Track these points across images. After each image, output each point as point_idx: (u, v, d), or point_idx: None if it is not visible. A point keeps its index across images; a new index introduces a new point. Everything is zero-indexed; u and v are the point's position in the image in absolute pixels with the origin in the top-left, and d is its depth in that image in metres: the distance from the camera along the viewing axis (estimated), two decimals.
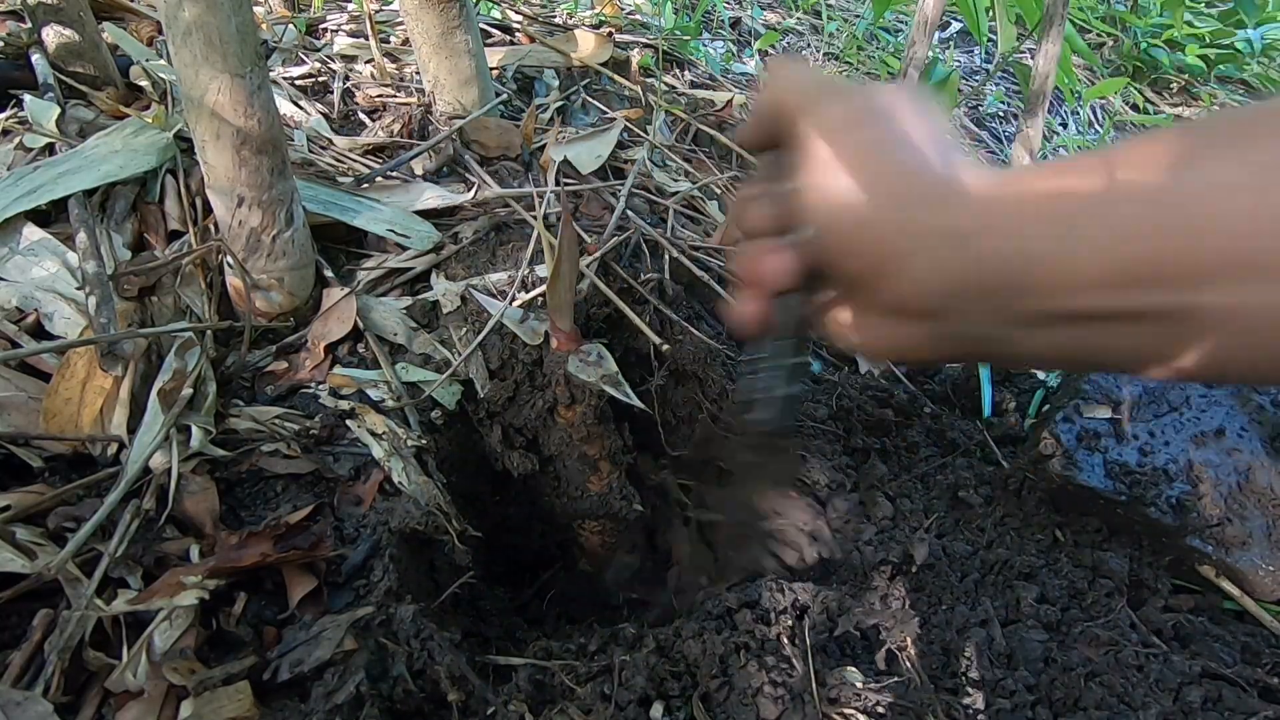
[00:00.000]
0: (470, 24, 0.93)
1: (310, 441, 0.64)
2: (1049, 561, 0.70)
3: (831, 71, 1.74)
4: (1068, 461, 0.72)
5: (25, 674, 0.47)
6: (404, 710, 0.50)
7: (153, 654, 0.48)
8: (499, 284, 0.76)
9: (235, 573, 0.54)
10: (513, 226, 0.84)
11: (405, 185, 0.89)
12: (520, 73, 1.17)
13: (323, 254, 0.78)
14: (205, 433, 0.61)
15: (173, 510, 0.57)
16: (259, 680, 0.49)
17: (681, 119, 1.15)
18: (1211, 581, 0.70)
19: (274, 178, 0.67)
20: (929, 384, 0.96)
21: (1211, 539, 0.69)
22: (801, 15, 2.06)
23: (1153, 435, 0.74)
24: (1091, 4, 2.33)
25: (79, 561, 0.52)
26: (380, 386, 0.69)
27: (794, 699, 0.54)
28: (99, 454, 0.60)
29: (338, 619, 0.52)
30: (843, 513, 0.75)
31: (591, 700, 0.53)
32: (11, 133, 0.82)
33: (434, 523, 0.60)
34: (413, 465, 0.64)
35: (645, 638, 0.58)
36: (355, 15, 1.25)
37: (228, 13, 0.59)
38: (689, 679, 0.56)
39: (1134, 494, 0.70)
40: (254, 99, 0.62)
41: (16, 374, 0.63)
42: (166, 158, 0.80)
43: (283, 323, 0.73)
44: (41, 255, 0.70)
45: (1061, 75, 1.07)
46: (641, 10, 1.58)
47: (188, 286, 0.73)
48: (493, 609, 0.69)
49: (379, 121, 1.01)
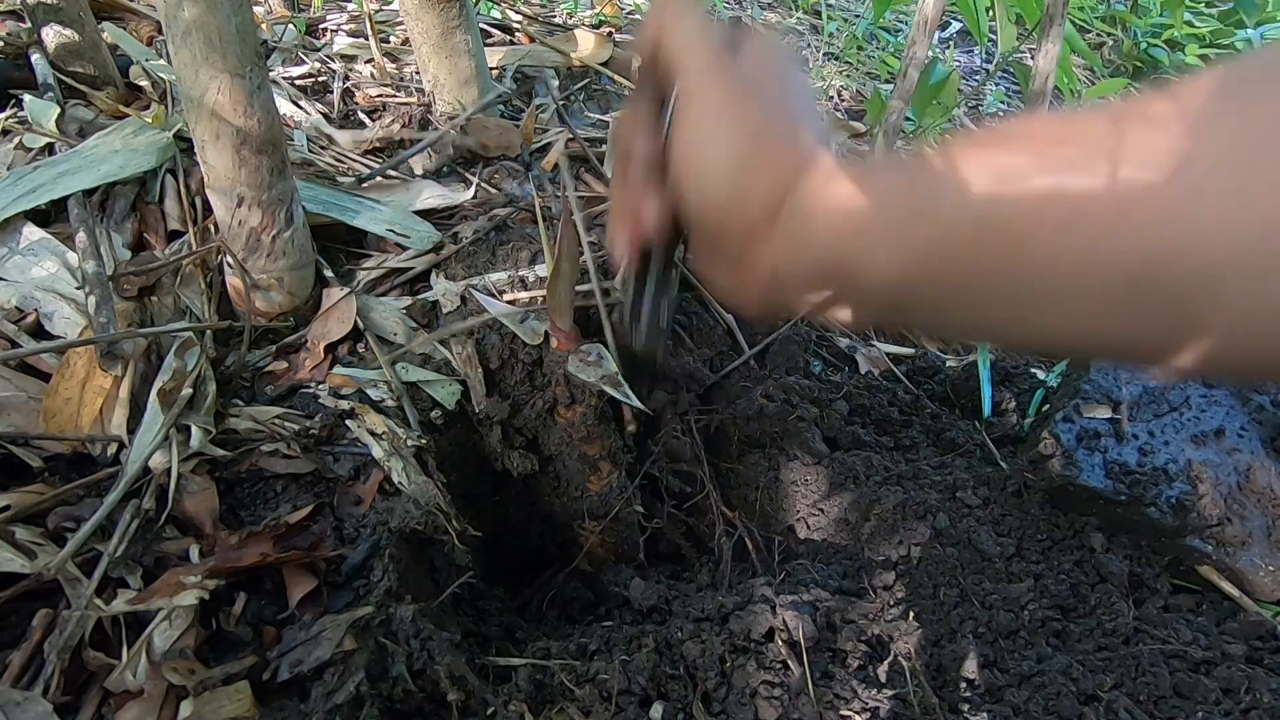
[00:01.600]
0: (470, 24, 0.93)
1: (310, 441, 0.64)
2: (1049, 562, 0.70)
3: (831, 72, 1.74)
4: (1067, 461, 0.72)
5: (25, 674, 0.47)
6: (404, 710, 0.50)
7: (152, 654, 0.48)
8: (499, 284, 0.76)
9: (235, 573, 0.54)
10: (513, 226, 0.84)
11: (405, 185, 0.89)
12: (520, 73, 1.17)
13: (323, 254, 0.78)
14: (205, 433, 0.61)
15: (172, 510, 0.57)
16: (259, 680, 0.49)
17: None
18: (1211, 581, 0.70)
19: (274, 178, 0.67)
20: (929, 384, 0.96)
21: (1211, 539, 0.69)
22: (801, 15, 2.06)
23: (1152, 435, 0.74)
24: (1091, 4, 2.33)
25: (79, 561, 0.52)
26: (380, 386, 0.69)
27: (792, 700, 0.54)
28: (99, 454, 0.60)
29: (338, 619, 0.52)
30: (842, 510, 0.76)
31: (591, 700, 0.53)
32: (11, 132, 0.82)
33: (434, 523, 0.60)
34: (412, 465, 0.64)
35: (645, 638, 0.58)
36: (355, 15, 1.25)
37: (228, 13, 0.59)
38: (688, 679, 0.56)
39: (1134, 494, 0.70)
40: (254, 99, 0.62)
41: (16, 374, 0.63)
42: (166, 158, 0.80)
43: (283, 323, 0.73)
44: (41, 255, 0.70)
45: (1061, 75, 1.07)
46: (641, 10, 1.58)
47: (187, 286, 0.73)
48: (493, 609, 0.69)
49: (379, 121, 1.01)
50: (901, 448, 0.84)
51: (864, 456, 0.79)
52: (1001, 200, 0.29)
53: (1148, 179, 0.25)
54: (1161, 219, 0.25)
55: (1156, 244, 0.25)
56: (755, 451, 0.82)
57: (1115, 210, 0.26)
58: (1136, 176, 0.25)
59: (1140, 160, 0.25)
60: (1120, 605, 0.66)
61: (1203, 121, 0.25)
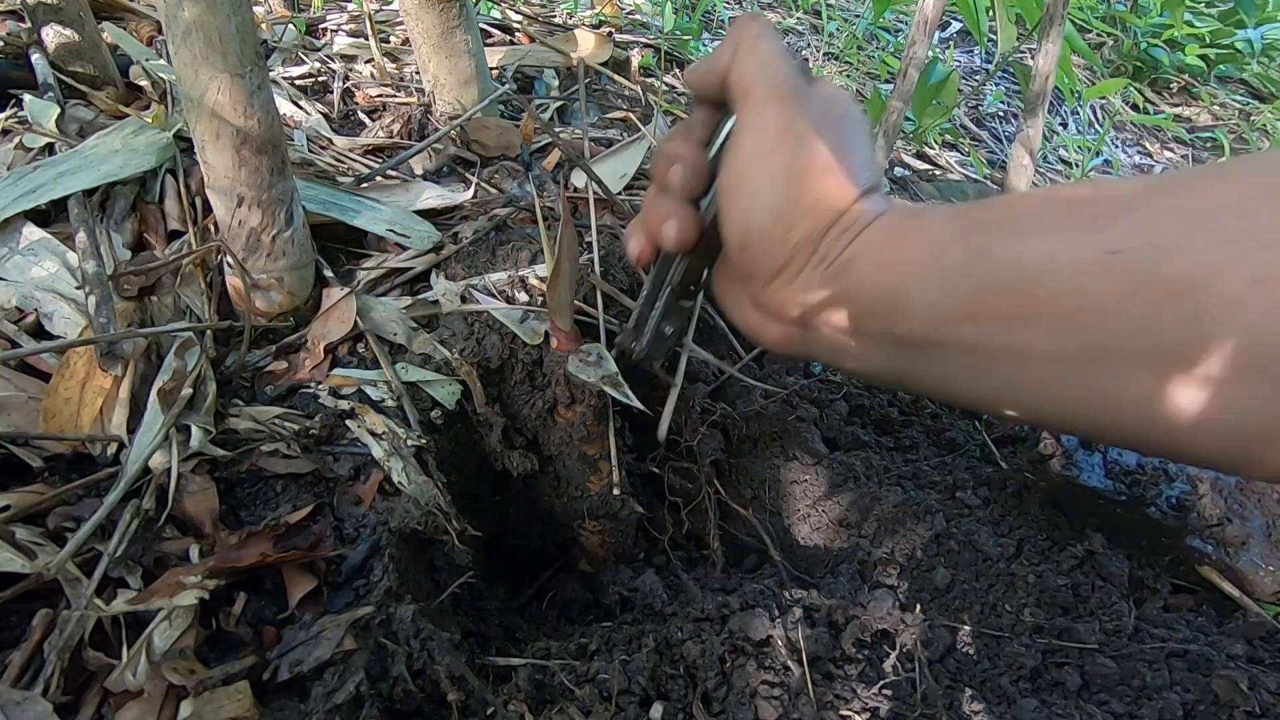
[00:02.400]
0: (470, 24, 0.93)
1: (310, 441, 0.63)
2: (1049, 562, 0.70)
3: (831, 72, 1.74)
4: (1068, 461, 0.72)
5: (25, 674, 0.47)
6: (404, 710, 0.50)
7: (152, 654, 0.48)
8: (499, 284, 0.76)
9: (235, 573, 0.54)
10: (513, 226, 0.84)
11: (405, 185, 0.89)
12: (520, 73, 1.18)
13: (323, 254, 0.78)
14: (205, 433, 0.61)
15: (172, 510, 0.57)
16: (259, 680, 0.49)
17: (682, 119, 1.15)
18: (1212, 581, 0.70)
19: (274, 178, 0.67)
20: None
21: (1211, 539, 0.69)
22: (801, 15, 2.06)
23: None
24: (1091, 4, 2.33)
25: (79, 561, 0.52)
26: (380, 386, 0.69)
27: (792, 700, 0.54)
28: (99, 454, 0.60)
29: (337, 619, 0.52)
30: (842, 511, 0.76)
31: (591, 700, 0.53)
32: (11, 132, 0.82)
33: (434, 523, 0.60)
34: (412, 465, 0.64)
35: (645, 637, 0.58)
36: (355, 15, 1.25)
37: (227, 12, 0.59)
38: (688, 679, 0.56)
39: (1134, 494, 0.70)
40: (254, 99, 0.62)
41: (16, 374, 0.63)
42: (166, 158, 0.80)
43: (282, 323, 0.73)
44: (41, 255, 0.70)
45: (1061, 75, 1.07)
46: (641, 10, 1.58)
47: (187, 286, 0.73)
48: (493, 609, 0.69)
49: (379, 121, 1.01)
50: (901, 448, 0.84)
51: (864, 456, 0.79)
52: (1058, 258, 0.28)
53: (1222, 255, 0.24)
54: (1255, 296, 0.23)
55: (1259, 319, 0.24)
56: (755, 451, 0.82)
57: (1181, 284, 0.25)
58: (1209, 253, 0.24)
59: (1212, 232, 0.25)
60: (1121, 605, 0.66)
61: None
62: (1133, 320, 0.26)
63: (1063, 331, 0.28)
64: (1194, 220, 0.25)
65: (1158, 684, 0.59)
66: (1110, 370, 0.27)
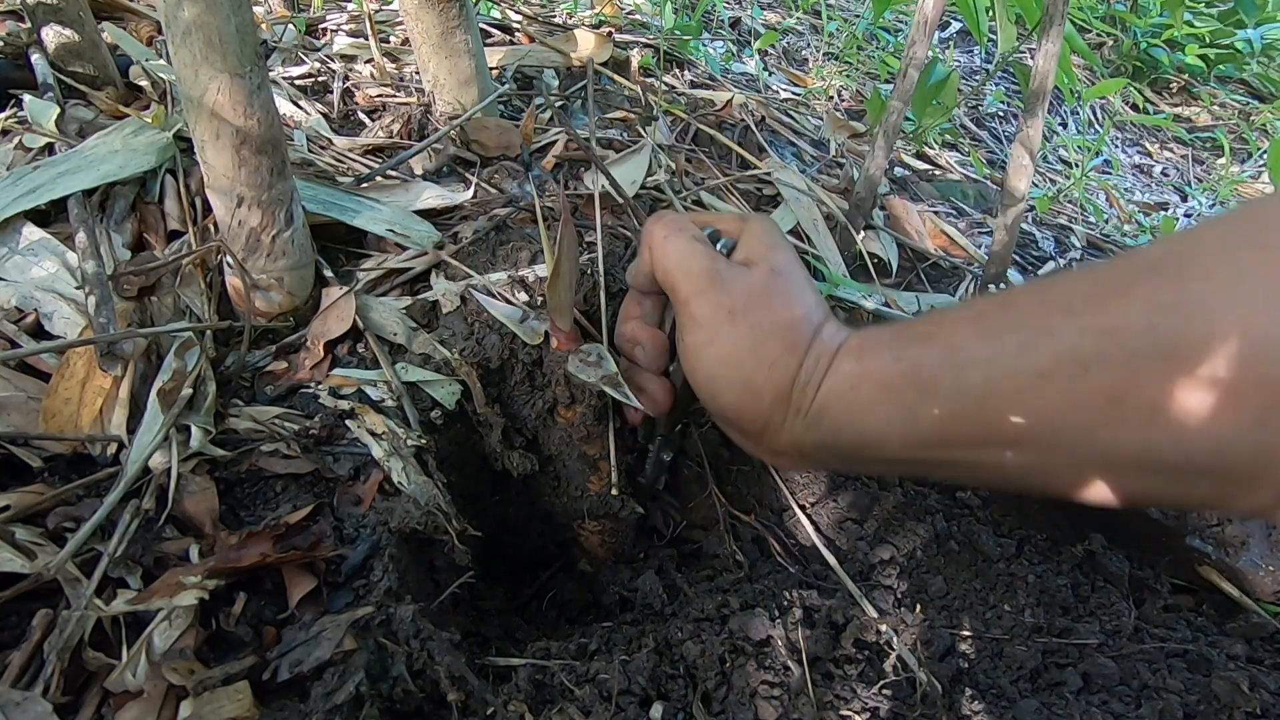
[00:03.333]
0: (470, 24, 0.93)
1: (310, 441, 0.63)
2: (1049, 562, 0.70)
3: (831, 72, 1.74)
4: None
5: (24, 674, 0.47)
6: (404, 710, 0.50)
7: (152, 654, 0.48)
8: (499, 284, 0.76)
9: (235, 573, 0.54)
10: (513, 226, 0.84)
11: (405, 185, 0.89)
12: (520, 73, 1.17)
13: (322, 254, 0.78)
14: (205, 433, 0.61)
15: (172, 510, 0.57)
16: (259, 680, 0.49)
17: (681, 119, 1.15)
18: (1212, 581, 0.70)
19: (274, 178, 0.67)
20: None
21: (1211, 539, 0.69)
22: (801, 15, 2.06)
23: None
24: (1091, 4, 2.33)
25: (78, 561, 0.52)
26: (380, 386, 0.69)
27: (792, 700, 0.54)
28: (98, 454, 0.60)
29: (337, 619, 0.52)
30: (842, 511, 0.76)
31: (591, 700, 0.53)
32: (11, 133, 0.82)
33: (434, 523, 0.60)
34: (412, 465, 0.64)
35: (645, 638, 0.58)
36: (355, 15, 1.25)
37: (227, 12, 0.59)
38: (688, 679, 0.56)
39: None
40: (254, 99, 0.62)
41: (16, 374, 0.62)
42: (166, 158, 0.80)
43: (282, 323, 0.73)
44: (41, 255, 0.70)
45: (1061, 75, 1.07)
46: (641, 10, 1.58)
47: (187, 286, 0.73)
48: (493, 609, 0.69)
49: (379, 121, 1.01)
50: None
51: None
52: (999, 384, 0.32)
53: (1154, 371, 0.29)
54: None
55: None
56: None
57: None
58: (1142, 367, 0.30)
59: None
60: (1121, 605, 0.66)
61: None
62: (1078, 432, 0.30)
63: (1018, 445, 0.32)
64: (1105, 340, 0.30)
65: (1158, 684, 0.59)
66: (1072, 469, 0.32)
